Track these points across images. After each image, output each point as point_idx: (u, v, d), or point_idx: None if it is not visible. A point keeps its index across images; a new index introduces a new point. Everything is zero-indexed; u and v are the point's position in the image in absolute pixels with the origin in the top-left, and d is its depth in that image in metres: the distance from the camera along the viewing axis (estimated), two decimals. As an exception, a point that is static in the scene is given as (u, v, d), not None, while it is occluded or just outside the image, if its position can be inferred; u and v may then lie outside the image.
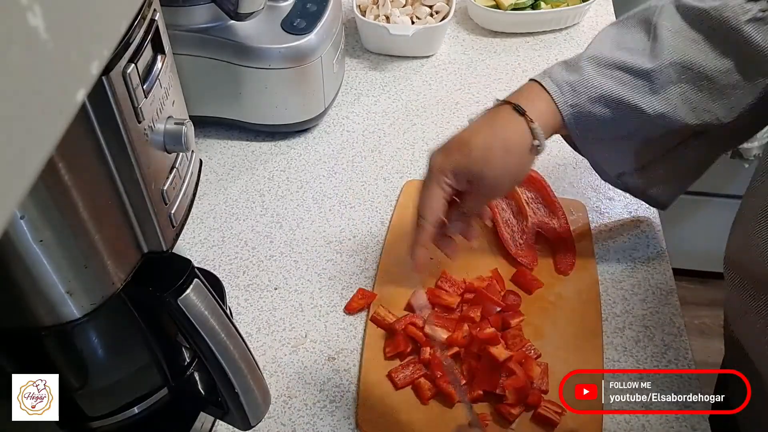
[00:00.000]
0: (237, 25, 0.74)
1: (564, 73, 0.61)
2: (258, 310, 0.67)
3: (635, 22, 0.62)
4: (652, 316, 0.66)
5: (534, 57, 0.96)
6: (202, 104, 0.80)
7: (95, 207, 0.36)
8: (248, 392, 0.46)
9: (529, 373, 0.58)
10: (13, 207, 0.17)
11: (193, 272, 0.43)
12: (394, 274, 0.68)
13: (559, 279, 0.68)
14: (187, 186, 0.45)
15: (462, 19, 1.02)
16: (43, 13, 0.17)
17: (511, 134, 0.58)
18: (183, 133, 0.40)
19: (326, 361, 0.63)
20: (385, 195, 0.77)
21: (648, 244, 0.72)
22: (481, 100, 0.89)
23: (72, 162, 0.33)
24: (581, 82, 0.60)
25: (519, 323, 0.63)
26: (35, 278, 0.36)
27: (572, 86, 0.60)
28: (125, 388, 0.49)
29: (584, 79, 0.60)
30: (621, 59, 0.60)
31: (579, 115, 0.60)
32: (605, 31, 0.64)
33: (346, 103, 0.89)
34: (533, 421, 0.57)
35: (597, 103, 0.60)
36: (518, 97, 0.60)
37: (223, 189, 0.78)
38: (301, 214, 0.75)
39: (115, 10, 0.23)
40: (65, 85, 0.19)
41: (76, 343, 0.44)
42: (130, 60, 0.35)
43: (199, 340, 0.43)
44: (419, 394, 0.59)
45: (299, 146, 0.83)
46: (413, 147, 0.83)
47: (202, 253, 0.72)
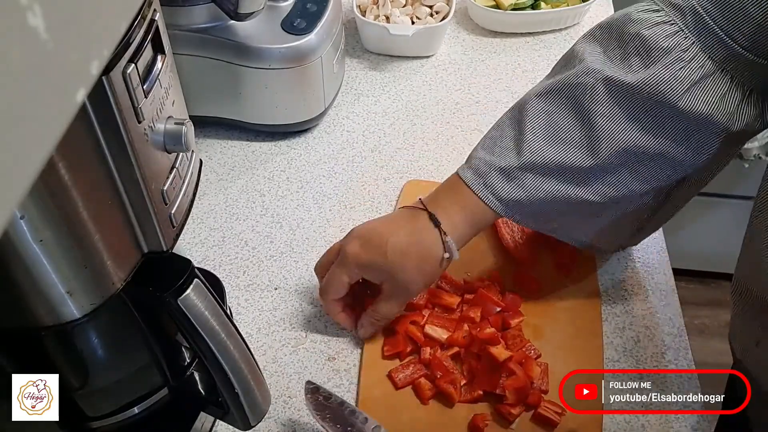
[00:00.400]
0: (237, 25, 0.74)
1: (506, 186, 0.57)
2: (258, 310, 0.67)
3: (564, 102, 0.57)
4: (652, 316, 0.66)
5: (534, 57, 0.96)
6: (202, 104, 0.80)
7: (95, 207, 0.36)
8: (248, 392, 0.46)
9: (529, 373, 0.58)
10: (13, 207, 0.17)
11: (193, 272, 0.43)
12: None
13: (559, 279, 0.68)
14: (187, 186, 0.45)
15: (462, 19, 1.02)
16: (43, 13, 0.17)
17: (429, 244, 0.58)
18: (183, 133, 0.40)
19: (326, 361, 0.63)
20: (385, 195, 0.77)
21: (648, 244, 0.72)
22: (481, 100, 0.89)
23: (72, 162, 0.33)
24: (527, 198, 0.57)
25: (519, 323, 0.63)
26: (35, 278, 0.36)
27: (518, 203, 0.58)
28: (125, 388, 0.49)
29: (528, 195, 0.57)
30: (558, 160, 0.56)
31: (524, 215, 0.59)
32: (534, 115, 0.58)
33: (346, 103, 0.89)
34: (533, 421, 0.57)
35: (544, 206, 0.58)
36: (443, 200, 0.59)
37: (223, 189, 0.78)
38: (301, 214, 0.75)
39: (115, 10, 0.23)
40: (65, 85, 0.19)
41: (76, 343, 0.44)
42: (130, 60, 0.35)
43: (199, 340, 0.43)
44: (419, 393, 0.59)
45: (299, 146, 0.83)
46: (413, 147, 0.83)
47: (202, 253, 0.72)
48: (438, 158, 0.81)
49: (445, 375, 0.59)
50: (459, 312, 0.64)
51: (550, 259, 0.69)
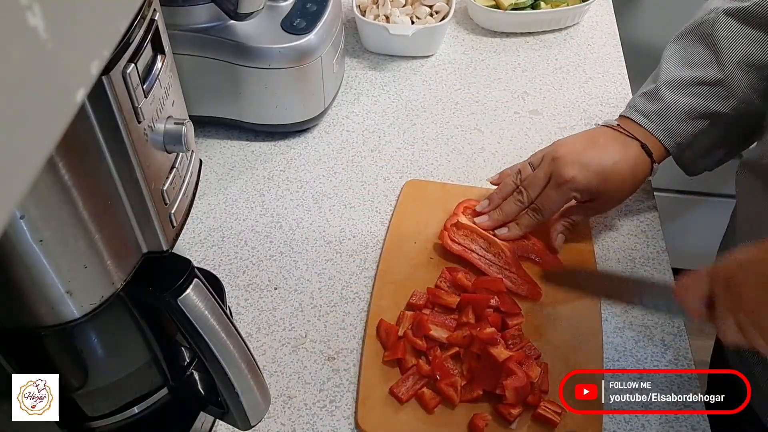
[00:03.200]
0: (237, 25, 0.74)
1: (647, 104, 0.69)
2: (258, 310, 0.67)
3: (694, 38, 0.69)
4: (652, 316, 0.66)
5: (534, 57, 0.96)
6: (202, 104, 0.80)
7: (95, 207, 0.36)
8: (248, 392, 0.46)
9: (529, 373, 0.58)
10: (13, 207, 0.17)
11: (193, 272, 0.43)
12: (394, 273, 0.68)
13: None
14: (187, 186, 0.45)
15: (462, 19, 1.02)
16: (42, 13, 0.17)
17: (641, 170, 0.67)
18: (183, 133, 0.40)
19: (326, 361, 0.63)
20: (385, 195, 0.77)
21: (648, 244, 0.72)
22: (481, 100, 0.89)
23: (72, 162, 0.33)
24: (665, 108, 0.67)
25: (519, 323, 0.63)
26: (35, 278, 0.36)
27: (658, 114, 0.68)
28: (125, 388, 0.49)
29: (667, 105, 0.67)
30: (692, 76, 0.67)
31: (673, 135, 0.67)
32: (669, 51, 0.71)
33: (346, 102, 0.89)
34: (533, 421, 0.57)
35: (684, 122, 0.67)
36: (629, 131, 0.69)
37: (223, 189, 0.78)
38: (300, 214, 0.75)
39: (115, 10, 0.23)
40: (65, 85, 0.19)
41: (76, 343, 0.44)
42: (130, 60, 0.35)
43: (199, 340, 0.43)
44: (424, 404, 0.58)
45: (299, 146, 0.83)
46: (413, 147, 0.83)
47: (202, 253, 0.72)
48: (438, 158, 0.81)
49: (445, 377, 0.59)
50: (459, 312, 0.64)
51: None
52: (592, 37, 0.99)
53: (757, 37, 0.65)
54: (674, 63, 0.69)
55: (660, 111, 0.67)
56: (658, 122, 0.68)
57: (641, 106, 0.69)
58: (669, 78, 0.68)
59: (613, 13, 1.03)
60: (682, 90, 0.67)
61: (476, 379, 0.59)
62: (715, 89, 0.66)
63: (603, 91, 0.91)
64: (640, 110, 0.69)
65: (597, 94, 0.90)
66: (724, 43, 0.66)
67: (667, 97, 0.67)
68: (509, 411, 0.57)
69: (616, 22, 1.02)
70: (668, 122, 0.67)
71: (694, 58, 0.68)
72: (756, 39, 0.65)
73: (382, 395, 0.59)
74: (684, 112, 0.67)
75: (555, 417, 0.56)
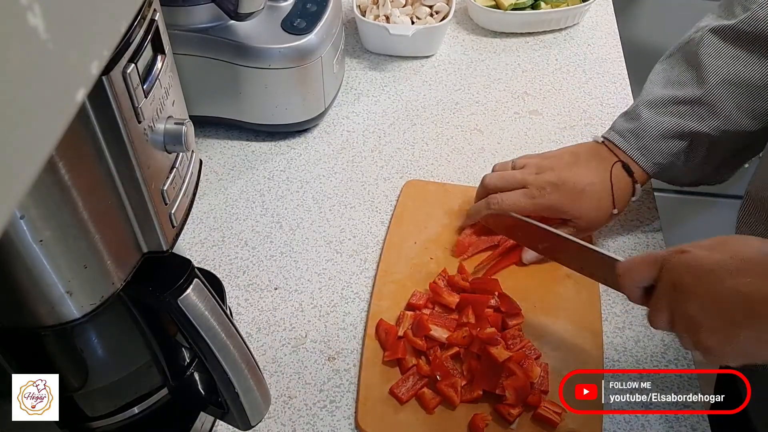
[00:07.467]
0: (237, 25, 0.74)
1: (624, 123, 0.68)
2: (258, 310, 0.67)
3: (679, 57, 0.68)
4: (652, 316, 0.65)
5: (534, 57, 0.96)
6: (202, 104, 0.80)
7: (95, 207, 0.36)
8: (248, 392, 0.46)
9: (529, 373, 0.58)
10: (13, 207, 0.17)
11: (193, 272, 0.43)
12: (394, 273, 0.68)
13: (560, 279, 0.68)
14: (187, 186, 0.45)
15: (462, 19, 1.02)
16: (43, 13, 0.17)
17: (620, 193, 0.66)
18: (183, 133, 0.40)
19: (326, 361, 0.63)
20: (385, 195, 0.77)
21: (648, 244, 0.72)
22: (481, 100, 0.89)
23: (72, 162, 0.33)
24: (640, 128, 0.66)
25: (519, 323, 0.63)
26: (35, 278, 0.36)
27: (634, 133, 0.67)
28: (125, 388, 0.49)
29: (643, 124, 0.66)
30: (672, 95, 0.66)
31: (648, 155, 0.66)
32: (654, 71, 0.71)
33: (346, 103, 0.89)
34: (533, 421, 0.57)
35: (660, 141, 0.65)
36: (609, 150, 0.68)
37: (223, 189, 0.78)
38: (301, 214, 0.75)
39: (115, 10, 0.22)
40: (65, 85, 0.19)
41: (76, 343, 0.44)
42: (130, 60, 0.35)
43: (199, 340, 0.43)
44: (424, 404, 0.58)
45: (299, 146, 0.83)
46: (413, 147, 0.83)
47: (202, 253, 0.72)
48: (438, 158, 0.81)
49: (445, 377, 0.59)
50: (458, 311, 0.64)
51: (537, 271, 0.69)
52: (592, 37, 0.99)
53: (742, 56, 0.64)
54: (657, 82, 0.69)
55: (635, 130, 0.67)
56: (633, 141, 0.67)
57: (619, 126, 0.68)
58: (649, 97, 0.68)
59: (613, 13, 1.03)
60: (660, 109, 0.66)
61: (476, 379, 0.59)
62: (695, 108, 0.65)
63: (603, 91, 0.91)
64: (617, 130, 0.68)
65: (597, 94, 0.90)
66: (707, 62, 0.65)
67: (644, 117, 0.66)
68: (509, 411, 0.57)
69: (616, 22, 1.02)
70: (643, 141, 0.66)
71: (677, 78, 0.67)
72: (741, 58, 0.64)
73: (382, 395, 0.59)
74: (659, 132, 0.66)
75: (555, 417, 0.56)
